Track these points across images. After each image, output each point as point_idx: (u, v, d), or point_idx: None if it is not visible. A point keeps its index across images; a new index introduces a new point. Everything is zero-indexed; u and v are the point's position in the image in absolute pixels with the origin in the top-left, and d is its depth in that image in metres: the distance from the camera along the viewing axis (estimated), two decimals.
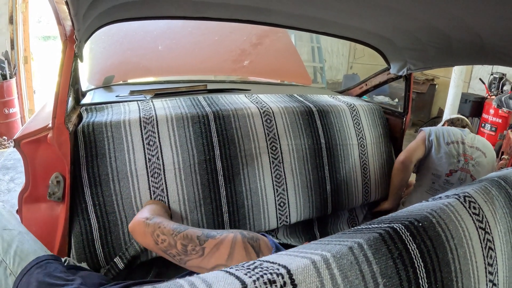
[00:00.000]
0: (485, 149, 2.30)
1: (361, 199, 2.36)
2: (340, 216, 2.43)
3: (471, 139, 2.33)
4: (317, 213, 2.18)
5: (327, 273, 0.70)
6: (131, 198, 1.69)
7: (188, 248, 1.18)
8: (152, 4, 1.58)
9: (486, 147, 2.33)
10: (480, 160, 2.26)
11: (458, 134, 2.33)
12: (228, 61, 2.89)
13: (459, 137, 2.32)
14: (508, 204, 1.15)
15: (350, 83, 7.44)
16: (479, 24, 1.39)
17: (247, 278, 0.66)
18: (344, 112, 2.33)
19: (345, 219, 2.45)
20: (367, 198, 2.40)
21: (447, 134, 2.34)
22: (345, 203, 2.29)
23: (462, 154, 2.26)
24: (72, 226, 1.62)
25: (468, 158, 2.25)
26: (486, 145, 2.35)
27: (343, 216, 2.45)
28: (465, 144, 2.29)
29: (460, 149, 2.27)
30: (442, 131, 2.36)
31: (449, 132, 2.35)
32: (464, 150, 2.27)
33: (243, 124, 1.97)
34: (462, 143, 2.29)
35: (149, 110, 1.83)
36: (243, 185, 1.94)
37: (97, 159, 1.66)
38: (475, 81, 7.02)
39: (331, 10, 1.74)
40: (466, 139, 2.31)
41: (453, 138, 2.31)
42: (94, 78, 2.45)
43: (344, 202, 2.29)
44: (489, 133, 6.33)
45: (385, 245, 0.79)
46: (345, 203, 2.29)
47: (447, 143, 2.30)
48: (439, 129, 2.39)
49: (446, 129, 2.37)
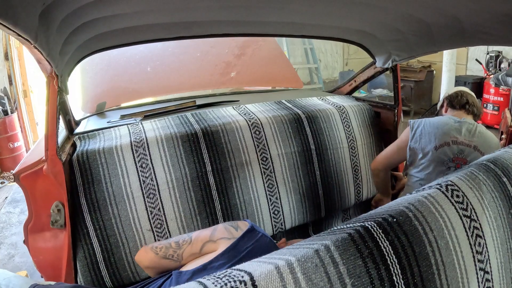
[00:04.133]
0: (484, 148, 1.92)
1: (353, 200, 2.40)
2: (334, 217, 2.46)
3: (470, 134, 1.94)
4: (311, 217, 2.22)
5: (290, 277, 0.72)
6: (130, 220, 1.75)
7: (180, 242, 1.38)
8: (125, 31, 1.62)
9: (486, 144, 1.94)
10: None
11: (452, 131, 1.94)
12: (215, 75, 2.94)
13: (452, 135, 1.93)
14: (498, 187, 1.13)
15: (346, 80, 7.47)
16: (456, 7, 1.40)
17: (213, 286, 0.69)
18: (334, 115, 2.35)
19: (339, 219, 2.48)
20: (359, 198, 2.43)
21: (435, 135, 1.95)
22: (338, 205, 2.33)
23: (454, 159, 1.92)
24: (76, 251, 1.68)
25: (460, 162, 1.91)
26: (488, 141, 1.96)
27: (337, 216, 2.47)
28: (459, 144, 1.92)
29: (451, 152, 1.92)
30: (429, 132, 1.97)
31: (438, 130, 1.95)
32: (458, 152, 1.92)
33: (232, 138, 2.01)
34: (455, 143, 1.93)
35: (139, 133, 1.88)
36: (237, 197, 1.98)
37: (94, 185, 1.71)
38: (472, 63, 6.98)
39: (308, 13, 1.77)
40: (461, 136, 1.93)
41: (443, 139, 1.94)
42: (87, 106, 2.52)
43: (337, 204, 2.32)
44: (492, 113, 6.28)
45: (353, 245, 0.80)
46: (337, 205, 2.33)
47: (435, 147, 1.94)
48: (426, 128, 1.99)
49: (435, 127, 1.97)
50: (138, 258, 1.49)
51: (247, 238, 1.30)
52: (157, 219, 1.79)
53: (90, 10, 1.26)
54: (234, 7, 1.57)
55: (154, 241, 1.78)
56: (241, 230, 1.31)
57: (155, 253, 1.41)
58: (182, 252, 1.36)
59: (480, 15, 1.40)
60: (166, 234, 1.80)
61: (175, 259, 1.36)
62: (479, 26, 1.49)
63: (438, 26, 1.67)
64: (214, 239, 1.31)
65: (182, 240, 1.38)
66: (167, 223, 1.81)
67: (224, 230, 1.33)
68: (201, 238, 1.35)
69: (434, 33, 1.75)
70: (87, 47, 1.64)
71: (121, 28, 1.57)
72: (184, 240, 1.38)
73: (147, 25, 1.62)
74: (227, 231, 1.32)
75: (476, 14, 1.41)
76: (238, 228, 1.33)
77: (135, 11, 1.44)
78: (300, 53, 7.91)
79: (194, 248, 1.34)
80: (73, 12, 1.18)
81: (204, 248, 1.32)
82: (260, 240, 1.31)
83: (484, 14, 1.37)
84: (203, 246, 1.32)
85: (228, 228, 1.34)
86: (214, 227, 1.37)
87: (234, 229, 1.32)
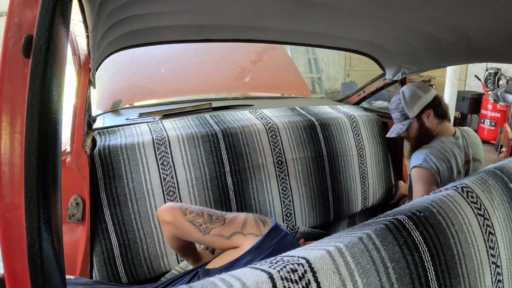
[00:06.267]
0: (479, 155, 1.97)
1: (360, 206, 2.46)
2: (341, 221, 2.52)
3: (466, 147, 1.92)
4: (320, 221, 2.28)
5: (341, 260, 0.79)
6: (149, 216, 1.78)
7: (213, 218, 1.35)
8: (157, 30, 1.67)
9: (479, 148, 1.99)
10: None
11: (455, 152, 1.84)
12: (230, 79, 3.00)
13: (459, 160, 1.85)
14: (505, 191, 1.23)
15: (348, 91, 7.53)
16: (466, 25, 1.47)
17: (272, 269, 0.75)
18: (345, 124, 2.42)
19: (345, 224, 2.55)
20: (366, 204, 2.49)
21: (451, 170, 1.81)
22: (346, 210, 2.39)
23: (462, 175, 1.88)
24: (93, 245, 1.71)
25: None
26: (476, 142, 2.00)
27: (344, 221, 2.54)
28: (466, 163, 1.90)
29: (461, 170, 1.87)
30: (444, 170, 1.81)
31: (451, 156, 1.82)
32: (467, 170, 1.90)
33: (250, 140, 2.06)
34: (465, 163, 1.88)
35: (160, 131, 1.93)
36: (252, 198, 2.03)
37: (115, 180, 1.75)
38: (471, 78, 7.12)
39: (323, 23, 1.83)
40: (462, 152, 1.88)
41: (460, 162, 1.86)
42: (103, 103, 2.55)
43: (345, 209, 2.38)
44: (489, 128, 6.42)
45: (391, 234, 0.89)
46: (345, 210, 2.39)
47: (458, 172, 1.84)
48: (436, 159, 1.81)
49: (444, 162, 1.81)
50: (160, 211, 1.40)
51: (272, 235, 1.32)
52: None
53: (132, 6, 1.30)
54: (263, 14, 1.63)
55: None
56: (267, 227, 1.33)
57: (183, 214, 1.35)
58: (212, 228, 1.33)
59: (489, 34, 1.47)
60: None
61: (202, 230, 1.32)
62: (488, 44, 1.57)
63: (447, 42, 1.74)
64: (244, 232, 1.33)
65: (215, 216, 1.35)
66: None
67: (254, 224, 1.34)
68: (234, 226, 1.33)
69: (444, 49, 1.82)
70: (117, 43, 1.68)
71: (153, 26, 1.62)
72: (218, 217, 1.35)
73: (178, 26, 1.66)
74: (256, 226, 1.34)
75: (485, 33, 1.48)
76: (266, 223, 1.35)
77: (170, 11, 1.48)
78: (303, 62, 8.02)
79: (224, 231, 1.32)
80: (119, 6, 1.23)
81: (233, 237, 1.31)
82: (284, 239, 1.33)
83: (493, 33, 1.44)
84: (233, 235, 1.32)
85: (258, 222, 1.35)
86: (246, 217, 1.36)
87: (262, 224, 1.34)
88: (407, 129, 1.99)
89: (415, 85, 2.01)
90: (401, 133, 2.00)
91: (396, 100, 2.02)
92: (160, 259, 1.81)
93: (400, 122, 2.01)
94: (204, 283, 0.75)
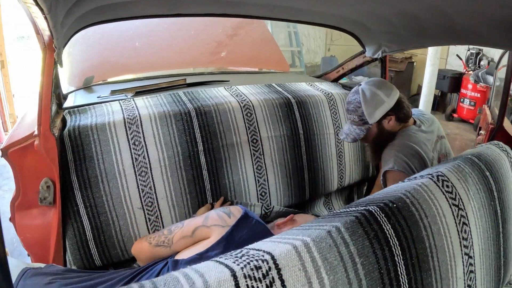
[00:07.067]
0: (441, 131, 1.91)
1: (336, 185, 2.46)
2: (316, 200, 2.52)
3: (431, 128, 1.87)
4: (295, 200, 2.28)
5: (307, 256, 0.77)
6: (121, 198, 1.74)
7: (172, 228, 1.41)
8: (128, 5, 1.59)
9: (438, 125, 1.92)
10: (448, 146, 1.93)
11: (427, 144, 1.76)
12: (206, 54, 2.93)
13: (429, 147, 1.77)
14: (482, 180, 1.22)
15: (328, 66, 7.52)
16: (450, 7, 1.43)
17: (235, 266, 0.72)
18: (322, 102, 2.39)
19: (321, 203, 2.55)
20: (342, 183, 2.49)
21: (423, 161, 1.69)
22: (322, 189, 2.39)
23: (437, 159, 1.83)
24: (65, 229, 1.67)
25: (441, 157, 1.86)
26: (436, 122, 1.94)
27: (319, 200, 2.54)
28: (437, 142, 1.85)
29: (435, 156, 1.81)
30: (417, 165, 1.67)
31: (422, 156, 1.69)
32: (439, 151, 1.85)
33: (224, 118, 2.02)
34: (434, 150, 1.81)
35: (132, 110, 1.86)
36: (226, 178, 2.00)
37: (85, 162, 1.69)
38: (452, 57, 7.14)
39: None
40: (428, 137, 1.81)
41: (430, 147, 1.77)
42: (74, 80, 2.46)
43: (321, 188, 2.38)
44: (468, 108, 6.51)
45: (361, 227, 0.87)
46: (321, 189, 2.39)
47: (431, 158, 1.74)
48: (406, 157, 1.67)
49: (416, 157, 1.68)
50: (134, 250, 1.52)
51: (241, 225, 1.31)
52: (148, 197, 1.79)
53: None
54: None
55: (144, 219, 1.79)
56: (234, 217, 1.32)
57: (149, 243, 1.44)
58: (173, 237, 1.37)
59: (474, 17, 1.44)
60: (156, 212, 1.81)
61: (165, 245, 1.37)
62: (471, 27, 1.54)
63: (430, 23, 1.70)
64: (207, 225, 1.32)
65: (174, 227, 1.41)
66: (158, 201, 1.81)
67: (217, 217, 1.33)
68: (194, 223, 1.36)
69: (426, 29, 1.79)
70: (85, 19, 1.59)
71: (123, 1, 1.54)
72: (176, 226, 1.41)
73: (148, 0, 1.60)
74: (220, 218, 1.32)
75: (470, 16, 1.44)
76: (231, 214, 1.33)
77: None
78: (284, 36, 7.89)
79: (185, 231, 1.35)
80: None
81: (197, 232, 1.32)
82: (254, 228, 1.32)
83: (478, 17, 1.41)
84: (195, 230, 1.33)
85: (221, 215, 1.34)
86: (206, 214, 1.37)
87: (227, 216, 1.33)
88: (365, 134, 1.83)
89: (377, 84, 1.77)
90: (359, 139, 1.85)
91: (355, 102, 1.78)
92: (133, 240, 1.78)
93: (357, 126, 1.82)
94: (167, 278, 0.72)
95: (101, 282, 1.29)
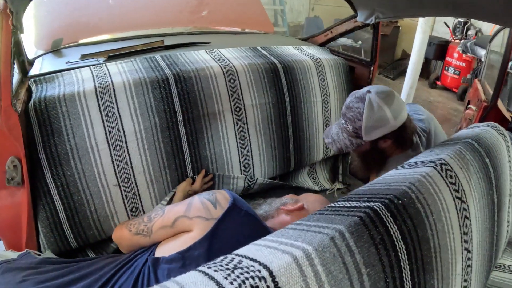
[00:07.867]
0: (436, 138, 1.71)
1: (322, 154, 2.38)
2: (300, 170, 2.45)
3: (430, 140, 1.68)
4: (280, 171, 2.20)
5: (310, 270, 0.67)
6: (95, 175, 1.62)
7: (152, 216, 1.30)
8: None
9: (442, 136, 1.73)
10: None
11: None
12: (185, 12, 2.71)
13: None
14: (482, 168, 1.14)
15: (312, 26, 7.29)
16: None
17: (227, 283, 0.61)
18: (310, 67, 2.26)
19: (305, 172, 2.48)
20: (327, 153, 2.42)
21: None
22: (307, 159, 2.31)
23: None
24: (36, 211, 1.56)
25: None
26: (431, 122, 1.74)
27: (303, 170, 2.47)
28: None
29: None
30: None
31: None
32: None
33: (205, 85, 1.88)
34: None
35: (104, 77, 1.71)
36: (208, 149, 1.90)
37: (54, 137, 1.55)
38: (439, 24, 7.04)
39: None
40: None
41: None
42: (42, 42, 2.23)
43: (306, 158, 2.30)
44: (453, 76, 6.52)
45: (366, 231, 0.78)
46: (306, 159, 2.31)
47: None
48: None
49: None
50: (114, 237, 1.43)
51: (228, 219, 1.16)
52: (124, 173, 1.68)
53: None
54: None
55: (120, 197, 1.68)
56: (221, 208, 1.18)
57: (129, 230, 1.34)
58: (152, 225, 1.26)
59: None
60: (133, 189, 1.71)
61: (145, 234, 1.28)
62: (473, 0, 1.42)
63: None
64: (189, 216, 1.18)
65: (154, 214, 1.30)
66: (135, 177, 1.70)
67: (201, 207, 1.19)
68: (175, 211, 1.23)
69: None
70: None
71: None
72: (157, 213, 1.29)
73: None
74: (204, 209, 1.18)
75: None
76: (217, 204, 1.19)
77: None
78: None
79: (165, 221, 1.23)
80: None
81: (177, 223, 1.20)
82: (243, 221, 1.19)
83: None
84: (176, 220, 1.21)
85: (205, 204, 1.20)
86: (189, 201, 1.24)
87: (213, 206, 1.19)
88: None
89: (387, 99, 1.48)
90: (345, 151, 1.65)
91: (356, 111, 1.51)
92: (110, 219, 1.69)
93: (348, 136, 1.58)
94: None
95: (78, 278, 1.20)
